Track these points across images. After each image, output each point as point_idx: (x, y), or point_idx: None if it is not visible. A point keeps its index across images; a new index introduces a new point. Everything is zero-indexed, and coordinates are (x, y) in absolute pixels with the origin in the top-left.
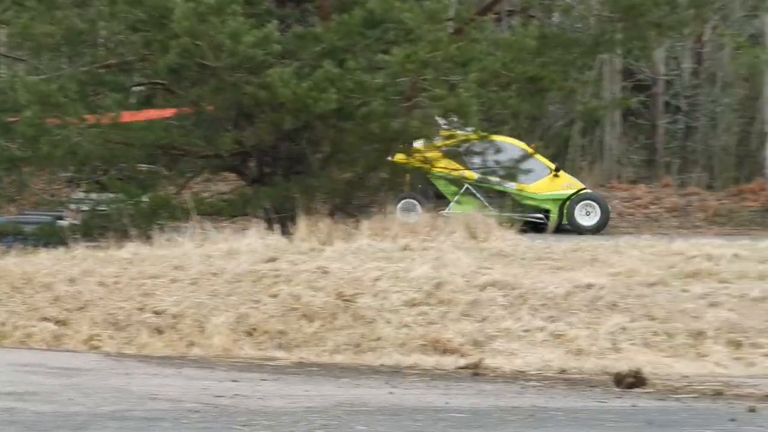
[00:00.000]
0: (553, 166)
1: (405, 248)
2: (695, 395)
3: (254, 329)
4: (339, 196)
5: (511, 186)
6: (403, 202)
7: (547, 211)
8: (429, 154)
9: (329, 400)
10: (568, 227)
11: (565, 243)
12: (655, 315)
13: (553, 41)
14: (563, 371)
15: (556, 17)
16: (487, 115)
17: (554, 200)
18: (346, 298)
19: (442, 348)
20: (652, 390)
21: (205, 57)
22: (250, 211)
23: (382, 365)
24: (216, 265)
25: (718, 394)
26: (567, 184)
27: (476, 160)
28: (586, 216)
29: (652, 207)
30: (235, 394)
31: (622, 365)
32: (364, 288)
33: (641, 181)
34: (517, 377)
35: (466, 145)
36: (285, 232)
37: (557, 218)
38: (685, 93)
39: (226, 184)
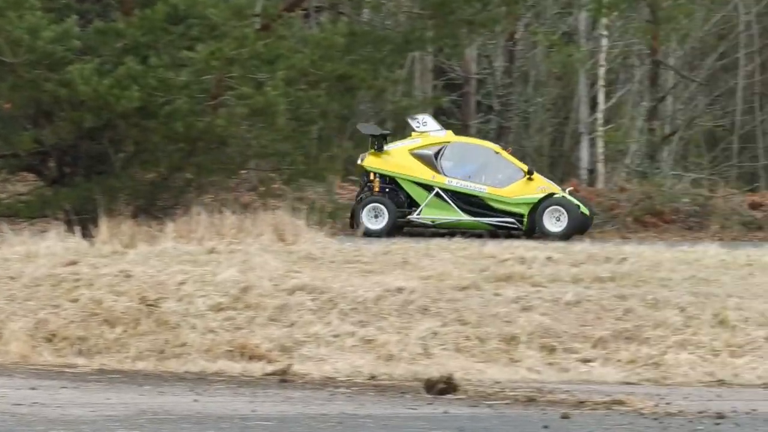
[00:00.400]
0: (526, 168)
1: (211, 251)
2: (508, 401)
3: (54, 335)
4: (142, 197)
5: (482, 189)
6: (369, 206)
7: (520, 216)
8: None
9: (131, 409)
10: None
11: (376, 246)
12: (467, 319)
13: (362, 39)
14: (373, 377)
15: (365, 14)
16: (295, 114)
17: (527, 204)
18: (150, 302)
19: (249, 354)
20: (463, 396)
21: (2, 53)
22: (50, 212)
23: (186, 372)
24: (13, 269)
25: (531, 400)
26: (541, 187)
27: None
28: (557, 222)
29: None
30: (34, 403)
31: (434, 371)
32: (168, 292)
33: None
34: (326, 384)
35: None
36: (86, 235)
37: (528, 223)
38: (498, 92)
39: (24, 185)
